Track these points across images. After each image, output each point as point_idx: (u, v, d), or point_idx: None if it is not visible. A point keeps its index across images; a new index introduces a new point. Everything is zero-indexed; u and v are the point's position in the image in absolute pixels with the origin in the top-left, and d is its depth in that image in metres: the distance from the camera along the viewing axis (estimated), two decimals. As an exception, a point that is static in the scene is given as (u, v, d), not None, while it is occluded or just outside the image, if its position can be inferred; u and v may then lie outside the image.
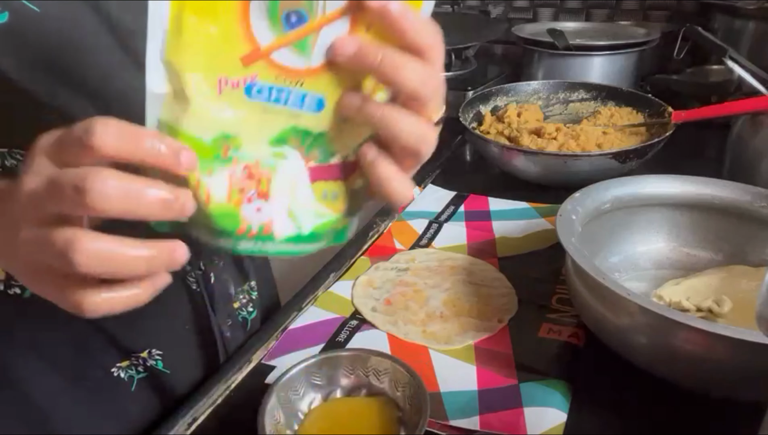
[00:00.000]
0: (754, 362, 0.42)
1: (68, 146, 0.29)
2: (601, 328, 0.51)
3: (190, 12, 0.28)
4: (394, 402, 0.45)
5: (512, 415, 0.47)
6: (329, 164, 0.34)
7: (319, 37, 0.30)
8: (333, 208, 0.35)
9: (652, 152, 0.84)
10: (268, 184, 0.32)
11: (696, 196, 0.63)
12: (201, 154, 0.30)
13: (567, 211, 0.57)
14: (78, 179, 0.27)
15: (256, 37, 0.29)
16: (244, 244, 0.33)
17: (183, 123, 0.30)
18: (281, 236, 0.33)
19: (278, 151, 0.33)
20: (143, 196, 0.28)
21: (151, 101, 0.30)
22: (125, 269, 0.29)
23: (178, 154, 0.29)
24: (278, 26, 0.29)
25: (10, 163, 0.44)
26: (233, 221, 0.32)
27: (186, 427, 0.50)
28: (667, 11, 1.43)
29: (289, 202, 0.33)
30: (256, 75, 0.30)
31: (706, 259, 0.63)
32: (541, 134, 0.91)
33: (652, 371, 0.49)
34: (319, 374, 0.46)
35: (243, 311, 0.64)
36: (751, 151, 0.77)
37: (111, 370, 0.54)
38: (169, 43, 0.29)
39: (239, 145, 0.32)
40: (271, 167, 0.33)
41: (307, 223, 0.34)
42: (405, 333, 0.57)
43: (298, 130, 0.32)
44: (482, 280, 0.65)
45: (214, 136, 0.31)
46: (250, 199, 0.32)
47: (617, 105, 1.02)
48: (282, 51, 0.30)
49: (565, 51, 1.17)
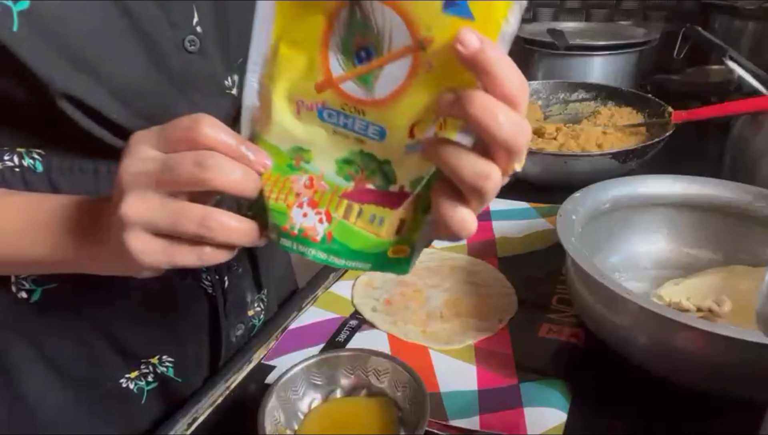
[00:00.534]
0: (754, 362, 0.42)
1: (177, 134, 0.34)
2: (601, 328, 0.51)
3: (285, 43, 0.33)
4: (394, 402, 0.45)
5: (512, 415, 0.47)
6: (385, 191, 0.37)
7: (382, 73, 0.33)
8: (376, 232, 0.37)
9: (652, 152, 0.84)
10: (321, 196, 0.36)
11: (696, 196, 0.63)
12: (277, 159, 0.36)
13: (567, 211, 0.57)
14: (199, 157, 0.33)
15: (331, 70, 0.33)
16: (285, 241, 0.37)
17: (266, 133, 0.35)
18: (317, 242, 0.37)
19: (342, 169, 0.36)
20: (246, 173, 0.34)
21: (245, 112, 0.35)
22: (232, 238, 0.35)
23: (256, 156, 0.35)
24: (350, 60, 0.33)
25: (28, 162, 0.45)
26: (282, 218, 0.36)
27: (186, 427, 0.50)
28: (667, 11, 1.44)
29: (333, 215, 0.37)
30: (326, 101, 0.34)
31: (706, 259, 0.63)
32: (541, 134, 0.91)
33: (652, 371, 0.49)
34: (319, 374, 0.46)
35: (255, 320, 0.64)
36: (751, 151, 0.77)
37: (120, 381, 0.54)
38: (265, 66, 0.34)
39: (310, 158, 0.36)
40: (331, 183, 0.36)
41: (347, 239, 0.37)
42: (405, 333, 0.57)
43: (364, 154, 0.36)
44: (482, 280, 0.65)
45: (289, 147, 0.36)
46: (301, 204, 0.36)
47: (617, 105, 1.02)
48: (349, 82, 0.33)
49: (565, 51, 1.17)
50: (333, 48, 0.33)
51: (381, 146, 0.35)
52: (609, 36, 1.25)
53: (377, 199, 0.36)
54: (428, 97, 0.32)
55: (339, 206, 0.37)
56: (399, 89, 0.33)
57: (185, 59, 0.47)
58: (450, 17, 0.30)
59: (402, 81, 0.32)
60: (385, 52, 0.32)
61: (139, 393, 0.55)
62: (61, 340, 0.51)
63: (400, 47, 0.31)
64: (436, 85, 0.32)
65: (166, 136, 0.34)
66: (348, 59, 0.33)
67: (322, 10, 0.32)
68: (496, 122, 0.30)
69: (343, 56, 0.33)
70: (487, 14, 0.30)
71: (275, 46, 0.33)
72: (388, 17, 0.30)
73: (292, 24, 0.33)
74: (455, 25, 0.29)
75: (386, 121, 0.34)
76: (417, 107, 0.33)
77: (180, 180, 0.33)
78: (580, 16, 1.51)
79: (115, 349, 0.53)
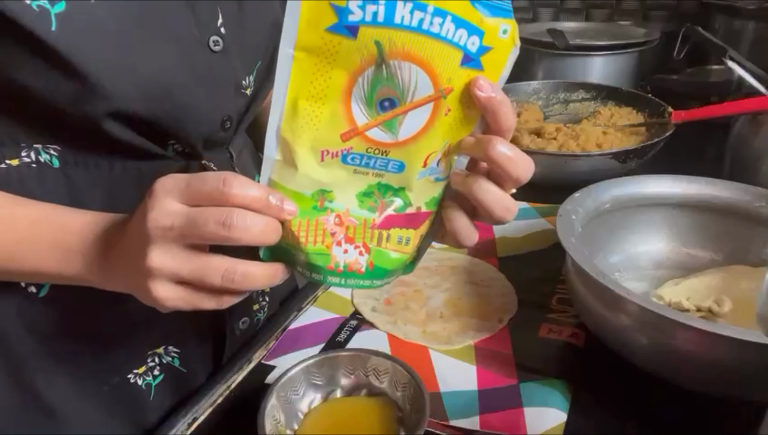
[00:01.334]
0: (754, 362, 0.42)
1: (206, 191, 0.36)
2: (601, 328, 0.51)
3: (305, 99, 0.36)
4: (394, 402, 0.45)
5: (512, 415, 0.47)
6: (405, 214, 0.40)
7: (405, 118, 0.37)
8: (405, 250, 0.41)
9: (652, 152, 0.84)
10: (354, 231, 0.39)
11: (696, 196, 0.63)
12: (302, 204, 0.38)
13: (567, 211, 0.57)
14: (223, 217, 0.35)
15: (354, 118, 0.36)
16: (331, 278, 0.40)
17: (290, 182, 0.38)
18: (362, 273, 0.40)
19: (364, 202, 0.39)
20: (268, 225, 0.36)
21: (266, 163, 0.38)
22: (255, 284, 0.38)
23: (282, 205, 0.37)
24: (373, 110, 0.36)
25: (45, 157, 0.47)
26: (325, 259, 0.39)
27: (186, 427, 0.50)
28: (667, 11, 1.44)
29: (370, 246, 0.40)
30: (351, 147, 0.37)
31: (706, 259, 0.63)
32: (541, 134, 0.91)
33: (652, 371, 0.49)
34: (319, 374, 0.46)
35: (260, 314, 0.65)
36: (752, 151, 0.77)
37: (128, 377, 0.54)
38: (285, 121, 0.36)
39: (333, 198, 0.39)
40: (358, 217, 0.39)
41: (383, 263, 0.41)
42: (405, 333, 0.57)
43: (382, 185, 0.39)
44: (482, 280, 0.65)
45: (313, 191, 0.38)
46: (339, 242, 0.39)
47: (617, 105, 1.02)
48: (374, 129, 0.37)
49: (565, 51, 1.17)
50: (356, 99, 0.36)
51: (398, 177, 0.39)
52: (609, 36, 1.25)
53: (402, 223, 0.41)
54: (443, 133, 0.38)
55: (372, 237, 0.40)
56: (421, 130, 0.37)
57: (209, 58, 0.48)
58: (466, 70, 0.36)
59: (424, 124, 0.37)
60: (408, 101, 0.36)
61: (147, 389, 0.55)
62: (69, 335, 0.51)
63: (424, 96, 0.36)
64: (450, 123, 0.38)
65: (193, 193, 0.36)
66: (371, 108, 0.36)
67: (344, 67, 0.35)
68: (512, 163, 0.38)
69: (366, 106, 0.36)
70: (493, 64, 0.36)
71: (294, 101, 0.36)
72: (414, 73, 0.35)
73: (312, 81, 0.35)
74: (469, 75, 0.36)
75: (406, 156, 0.38)
76: (434, 143, 0.38)
77: (205, 237, 0.35)
78: (580, 16, 1.51)
79: (123, 342, 0.53)
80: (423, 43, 0.34)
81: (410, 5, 0.33)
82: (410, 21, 0.33)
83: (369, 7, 0.33)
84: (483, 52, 0.36)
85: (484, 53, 0.36)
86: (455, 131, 0.39)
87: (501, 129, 0.38)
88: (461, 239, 0.42)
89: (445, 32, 0.34)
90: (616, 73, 1.18)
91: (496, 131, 0.38)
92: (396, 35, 0.34)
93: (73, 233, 0.42)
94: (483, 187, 0.39)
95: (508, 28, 0.36)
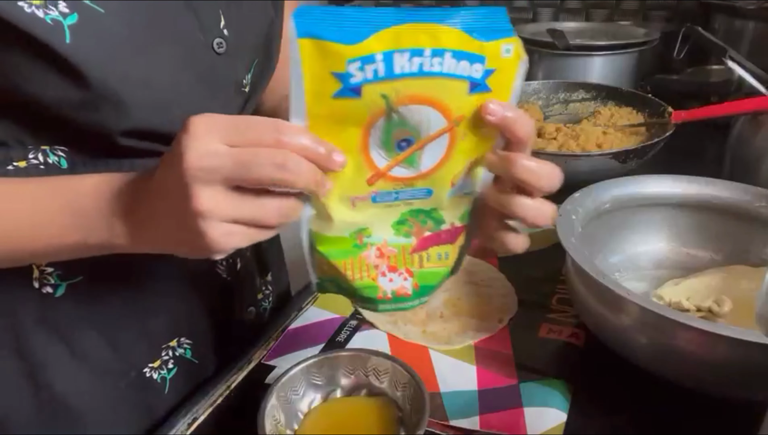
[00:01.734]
0: (754, 362, 0.42)
1: (257, 135, 0.34)
2: (601, 328, 0.51)
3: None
4: (394, 402, 0.45)
5: (512, 415, 0.47)
6: (440, 231, 0.42)
7: (423, 152, 0.37)
8: (446, 264, 0.43)
9: (652, 152, 0.84)
10: (395, 259, 0.41)
11: (696, 196, 0.63)
12: (343, 245, 0.40)
13: (567, 211, 0.57)
14: (279, 159, 0.34)
15: (375, 163, 0.37)
16: (383, 305, 0.42)
17: (327, 231, 0.39)
18: (410, 296, 0.42)
19: (399, 229, 0.41)
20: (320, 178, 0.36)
21: (303, 217, 0.39)
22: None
23: (331, 156, 0.35)
24: (392, 151, 0.37)
25: (53, 159, 0.46)
26: (373, 291, 0.41)
27: (186, 427, 0.50)
28: (667, 11, 1.44)
29: (412, 269, 0.42)
30: (378, 189, 0.39)
31: (706, 259, 0.63)
32: (541, 134, 0.91)
33: (652, 371, 0.49)
34: (319, 374, 0.46)
35: (265, 302, 0.65)
36: (751, 151, 0.77)
37: (144, 371, 0.55)
38: None
39: (370, 233, 0.40)
40: (396, 245, 0.41)
41: (427, 281, 0.42)
42: (405, 333, 0.57)
43: (414, 211, 0.41)
44: (482, 280, 0.65)
45: (351, 232, 0.40)
46: (384, 273, 0.41)
47: (617, 105, 1.02)
48: (396, 168, 0.38)
49: (565, 51, 1.17)
50: (373, 147, 0.37)
51: (428, 201, 0.40)
52: (609, 36, 1.25)
53: (438, 241, 0.42)
54: (464, 157, 0.39)
55: (413, 261, 0.42)
56: (442, 159, 0.38)
57: (213, 60, 0.49)
58: (474, 96, 0.36)
59: (444, 153, 0.38)
60: (424, 136, 0.37)
61: (162, 383, 0.56)
62: (86, 332, 0.51)
63: (438, 129, 0.37)
64: (469, 145, 0.38)
65: (241, 134, 0.34)
66: (390, 151, 0.37)
67: (355, 123, 0.36)
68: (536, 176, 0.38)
69: (384, 150, 0.37)
70: (500, 84, 0.36)
71: None
72: (424, 112, 0.36)
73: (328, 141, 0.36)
74: (479, 99, 0.36)
75: (432, 183, 0.39)
76: (457, 166, 0.39)
77: (261, 180, 0.34)
78: (580, 16, 1.51)
79: (139, 337, 0.54)
80: (427, 84, 0.34)
81: (407, 54, 0.33)
82: (410, 68, 0.34)
83: (368, 67, 0.33)
84: (488, 75, 0.36)
85: (490, 76, 0.36)
86: (476, 151, 0.39)
87: (521, 140, 0.38)
88: (513, 249, 0.43)
89: (447, 69, 0.34)
90: (616, 73, 1.18)
91: (517, 143, 0.38)
92: (400, 84, 0.34)
93: (87, 195, 0.41)
94: (518, 202, 0.40)
95: (510, 46, 0.35)
